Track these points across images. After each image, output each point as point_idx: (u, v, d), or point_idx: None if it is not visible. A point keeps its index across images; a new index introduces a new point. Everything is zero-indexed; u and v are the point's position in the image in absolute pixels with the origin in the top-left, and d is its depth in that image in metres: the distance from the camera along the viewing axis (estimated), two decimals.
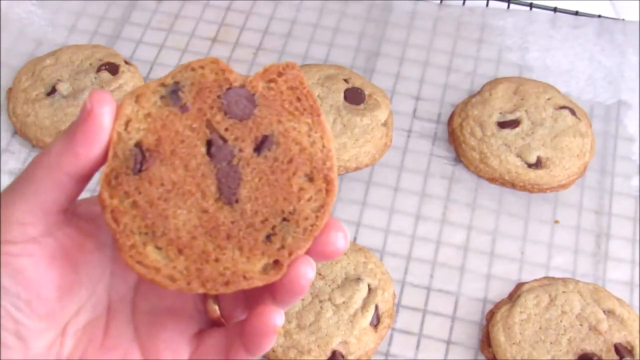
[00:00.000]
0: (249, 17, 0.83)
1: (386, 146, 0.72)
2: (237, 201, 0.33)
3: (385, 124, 0.71)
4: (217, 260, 0.32)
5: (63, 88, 0.72)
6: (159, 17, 0.82)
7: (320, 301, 0.60)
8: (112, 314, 0.35)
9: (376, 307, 0.60)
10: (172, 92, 0.34)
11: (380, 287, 0.61)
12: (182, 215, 0.32)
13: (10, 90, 0.74)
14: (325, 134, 0.34)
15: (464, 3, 0.85)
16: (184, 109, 0.34)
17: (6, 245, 0.31)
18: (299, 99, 0.34)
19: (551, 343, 0.59)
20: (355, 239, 0.67)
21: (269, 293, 0.33)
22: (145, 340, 0.35)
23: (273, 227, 0.33)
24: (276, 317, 0.32)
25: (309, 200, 0.33)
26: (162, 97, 0.34)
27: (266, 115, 0.34)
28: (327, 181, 0.33)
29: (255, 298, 0.34)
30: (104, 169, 0.32)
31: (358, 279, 0.61)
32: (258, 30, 0.82)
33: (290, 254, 0.32)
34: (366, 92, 0.72)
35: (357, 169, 0.70)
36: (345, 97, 0.72)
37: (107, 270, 0.35)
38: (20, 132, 0.71)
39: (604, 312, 0.60)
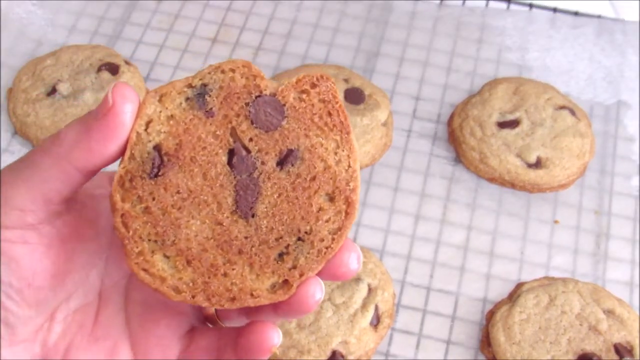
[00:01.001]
0: (249, 17, 0.83)
1: (386, 146, 0.72)
2: (253, 216, 0.32)
3: (385, 124, 0.72)
4: (225, 274, 0.31)
5: (63, 88, 0.72)
6: (159, 17, 0.82)
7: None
8: (104, 301, 0.35)
9: (376, 307, 0.60)
10: (199, 95, 0.32)
11: (380, 287, 0.61)
12: (195, 225, 0.32)
13: (10, 90, 0.74)
14: (352, 153, 0.33)
15: (464, 3, 0.85)
16: (209, 114, 0.32)
17: (3, 230, 0.31)
18: (329, 114, 0.33)
19: (551, 343, 0.59)
20: (355, 239, 0.67)
21: (272, 304, 0.32)
22: (136, 333, 0.34)
23: (287, 246, 0.32)
24: (274, 336, 0.32)
25: (327, 221, 0.32)
26: (187, 99, 0.32)
27: (294, 128, 0.33)
28: (348, 203, 0.32)
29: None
30: (118, 170, 0.31)
31: (358, 279, 0.61)
32: (258, 30, 0.82)
33: (301, 275, 0.32)
34: (366, 92, 0.72)
35: None
36: (345, 97, 0.72)
37: (103, 256, 0.35)
38: (20, 132, 0.71)
39: (603, 312, 0.60)
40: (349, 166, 0.33)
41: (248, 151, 0.32)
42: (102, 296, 0.35)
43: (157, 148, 0.32)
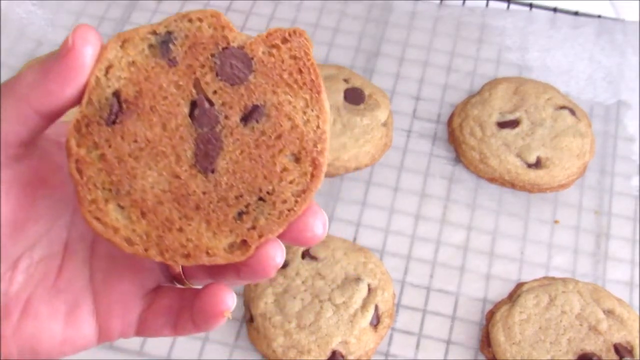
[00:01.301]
0: (249, 17, 0.83)
1: (386, 146, 0.72)
2: (213, 171, 0.31)
3: (385, 124, 0.72)
4: (180, 230, 0.31)
5: None
6: (159, 17, 0.82)
7: (320, 301, 0.60)
8: (69, 253, 0.34)
9: (376, 307, 0.60)
10: (163, 43, 0.31)
11: (380, 287, 0.61)
12: (152, 177, 0.31)
13: None
14: (322, 114, 0.31)
15: (464, 3, 0.85)
16: (172, 62, 0.31)
17: None
18: (300, 71, 0.31)
19: (551, 343, 0.59)
20: (355, 239, 0.67)
21: (234, 266, 0.32)
22: (99, 288, 0.34)
23: (247, 205, 0.31)
24: (227, 300, 0.31)
25: (291, 182, 0.31)
26: (150, 46, 0.31)
27: (261, 84, 0.31)
28: (315, 165, 0.31)
29: (219, 265, 0.32)
30: (75, 115, 0.30)
31: (358, 279, 0.61)
32: (258, 30, 0.82)
33: (260, 237, 0.30)
34: (366, 92, 0.72)
35: (357, 169, 0.70)
36: (345, 97, 0.72)
37: (70, 207, 0.34)
38: None
39: (603, 312, 0.60)
40: (318, 127, 0.31)
41: (211, 104, 0.31)
42: (68, 248, 0.34)
43: (117, 94, 0.31)
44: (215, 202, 0.31)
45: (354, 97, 0.72)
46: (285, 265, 0.61)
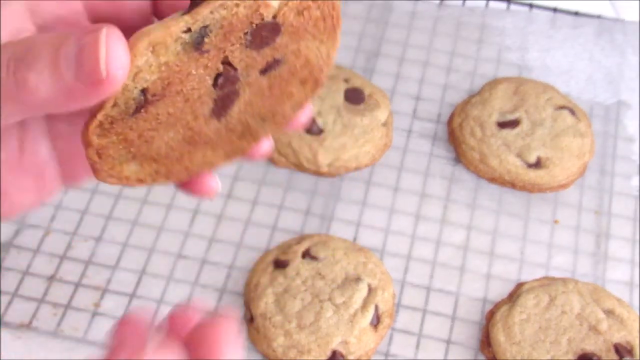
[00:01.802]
0: None
1: (386, 146, 0.72)
2: (225, 116, 0.32)
3: (385, 124, 0.72)
4: (188, 158, 0.32)
5: None
6: None
7: (320, 301, 0.60)
8: (25, 129, 0.32)
9: (376, 307, 0.60)
10: (198, 37, 0.30)
11: (380, 287, 0.61)
12: (168, 136, 0.31)
13: None
14: (334, 45, 0.32)
15: (464, 3, 0.85)
16: (204, 52, 0.30)
17: None
18: (324, 19, 0.31)
19: (551, 343, 0.59)
20: (355, 239, 0.67)
21: None
22: (63, 153, 0.33)
23: (249, 126, 0.33)
24: (213, 184, 0.34)
25: (292, 99, 0.32)
26: (184, 43, 0.29)
27: (286, 42, 0.31)
28: (316, 83, 0.32)
29: None
30: (97, 116, 0.29)
31: (358, 279, 0.61)
32: None
33: (256, 142, 0.33)
34: (366, 92, 0.72)
35: (357, 169, 0.70)
36: (345, 97, 0.72)
37: None
38: None
39: (603, 312, 0.60)
40: (328, 55, 0.32)
41: (235, 69, 0.31)
42: (23, 126, 0.32)
43: (144, 90, 0.30)
44: (224, 134, 0.32)
45: (354, 97, 0.72)
46: (285, 265, 0.61)
